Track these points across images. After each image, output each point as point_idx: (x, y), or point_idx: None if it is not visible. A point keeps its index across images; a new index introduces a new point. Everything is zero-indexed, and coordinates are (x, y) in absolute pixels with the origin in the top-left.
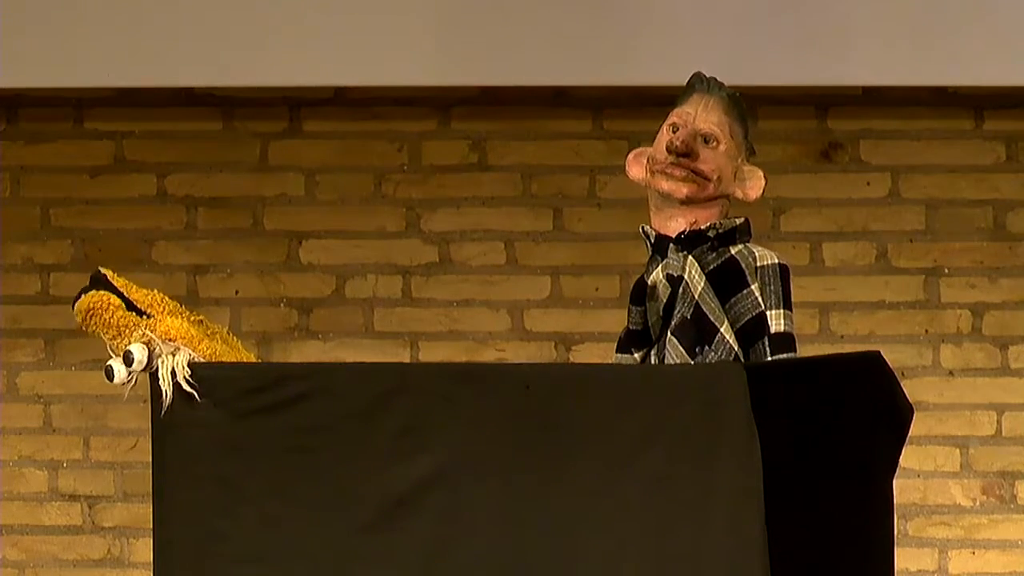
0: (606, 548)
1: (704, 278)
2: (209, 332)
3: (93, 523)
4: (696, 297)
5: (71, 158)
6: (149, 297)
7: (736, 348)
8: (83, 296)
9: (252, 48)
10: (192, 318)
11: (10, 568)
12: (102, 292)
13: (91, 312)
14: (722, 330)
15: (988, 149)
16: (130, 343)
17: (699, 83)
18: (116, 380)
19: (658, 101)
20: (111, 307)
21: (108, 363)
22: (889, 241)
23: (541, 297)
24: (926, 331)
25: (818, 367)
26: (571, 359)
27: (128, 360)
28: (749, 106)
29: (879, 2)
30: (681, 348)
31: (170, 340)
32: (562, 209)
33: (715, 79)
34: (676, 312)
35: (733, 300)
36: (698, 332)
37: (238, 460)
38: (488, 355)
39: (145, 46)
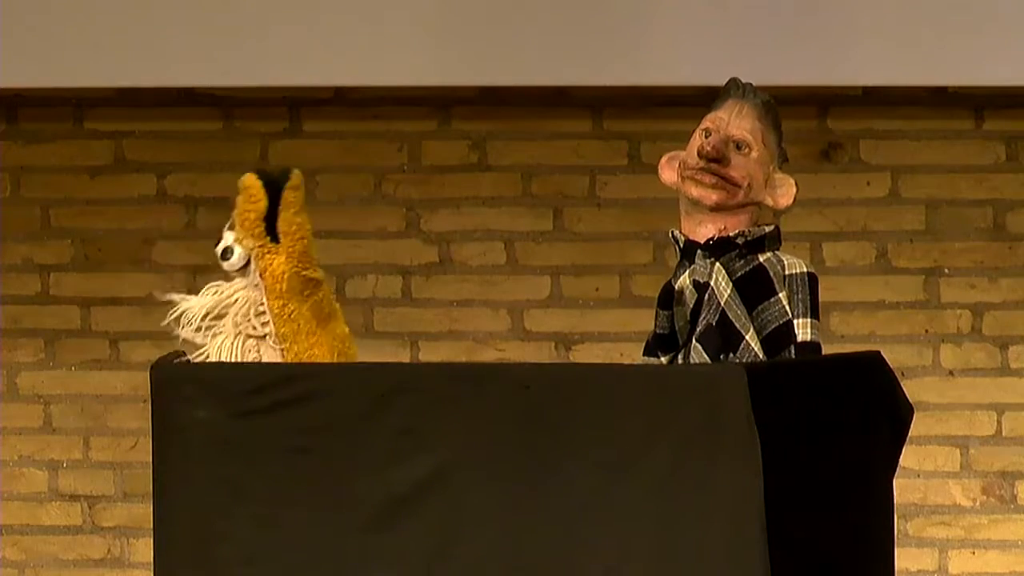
0: (606, 548)
1: (731, 285)
2: (309, 324)
3: (93, 523)
4: (722, 304)
5: (71, 158)
6: (294, 237)
7: (761, 356)
8: (247, 176)
9: (252, 48)
10: (313, 295)
11: (10, 568)
12: (259, 193)
13: (241, 192)
14: (747, 337)
15: (988, 149)
16: (240, 243)
17: (734, 89)
18: (233, 259)
19: (658, 101)
20: (251, 207)
21: (228, 244)
22: (889, 241)
23: (541, 297)
24: (926, 331)
25: (818, 367)
26: (571, 359)
27: (225, 255)
28: None
29: (879, 2)
30: (706, 355)
31: (259, 281)
32: (562, 209)
33: (751, 85)
34: (702, 319)
35: (760, 308)
36: (723, 339)
37: (238, 460)
38: (488, 355)
39: (145, 46)
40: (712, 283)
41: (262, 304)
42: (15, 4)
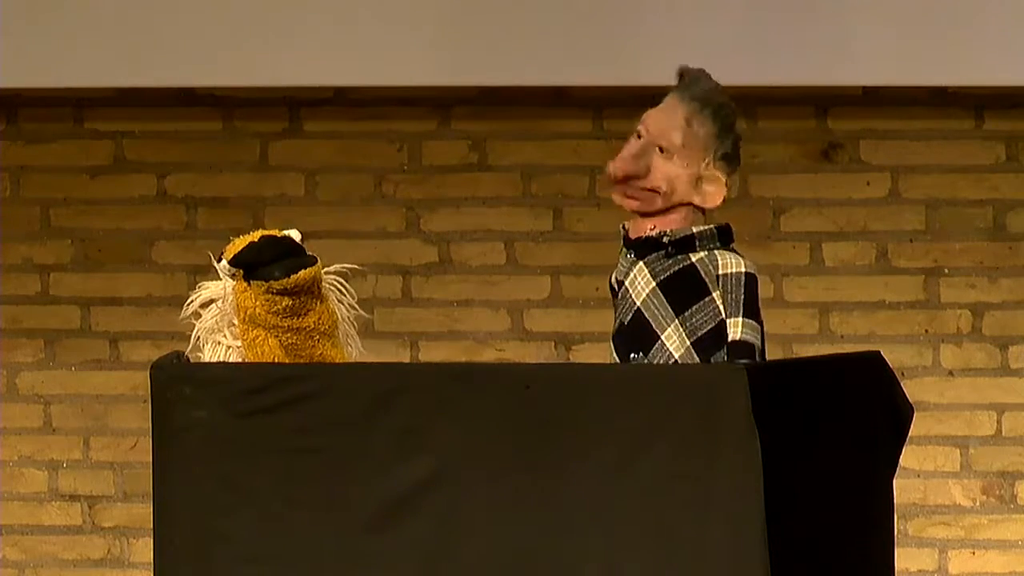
0: (606, 548)
1: (652, 285)
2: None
3: (93, 523)
4: (638, 303)
5: (71, 158)
6: (278, 302)
7: (676, 357)
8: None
9: (252, 48)
10: (287, 335)
11: (10, 568)
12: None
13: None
14: (663, 337)
15: (988, 149)
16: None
17: (679, 81)
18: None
19: (658, 101)
20: (236, 245)
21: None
22: (889, 241)
23: (541, 297)
24: (926, 331)
25: (818, 367)
26: (571, 359)
27: (220, 257)
28: (750, 106)
29: (879, 2)
30: (616, 355)
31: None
32: (562, 209)
33: (698, 74)
34: (616, 317)
35: (693, 309)
36: (634, 338)
37: (238, 460)
38: (488, 355)
39: (145, 46)
40: (627, 282)
41: (235, 318)
42: (15, 4)
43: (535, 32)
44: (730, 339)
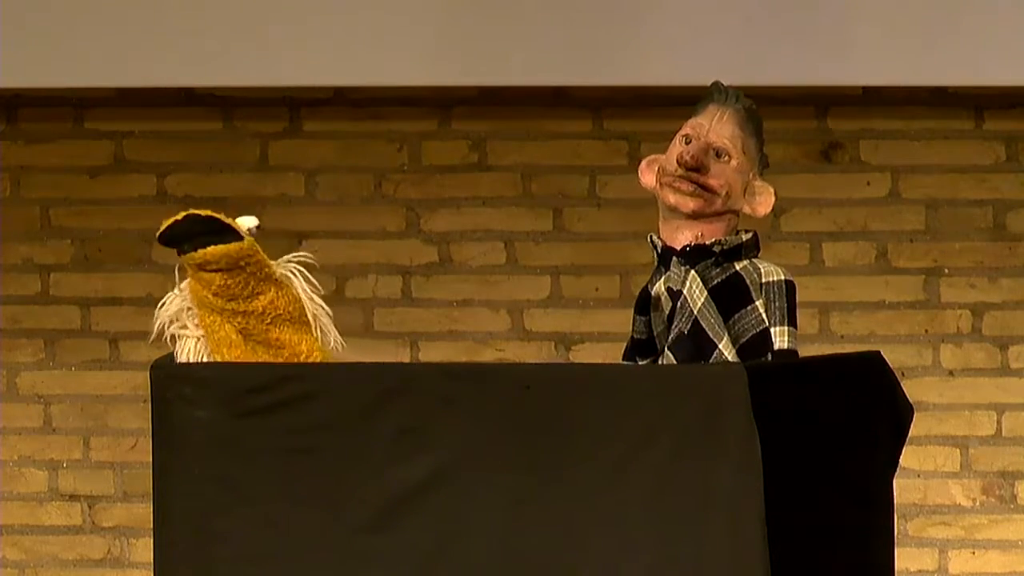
0: (606, 548)
1: (706, 294)
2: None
3: (93, 523)
4: (695, 313)
5: (71, 158)
6: (205, 277)
7: None
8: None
9: (252, 48)
10: (238, 319)
11: (10, 568)
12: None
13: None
14: (720, 346)
15: (988, 149)
16: None
17: (717, 93)
18: None
19: (658, 101)
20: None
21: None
22: (889, 241)
23: (541, 297)
24: (926, 331)
25: (818, 367)
26: (571, 359)
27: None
28: None
29: (879, 2)
30: (676, 363)
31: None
32: (562, 209)
33: (733, 89)
34: (674, 326)
35: (737, 316)
36: (695, 348)
37: (238, 460)
38: (488, 355)
39: (145, 46)
40: (685, 291)
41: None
42: (15, 4)
43: (535, 32)
44: (776, 347)
